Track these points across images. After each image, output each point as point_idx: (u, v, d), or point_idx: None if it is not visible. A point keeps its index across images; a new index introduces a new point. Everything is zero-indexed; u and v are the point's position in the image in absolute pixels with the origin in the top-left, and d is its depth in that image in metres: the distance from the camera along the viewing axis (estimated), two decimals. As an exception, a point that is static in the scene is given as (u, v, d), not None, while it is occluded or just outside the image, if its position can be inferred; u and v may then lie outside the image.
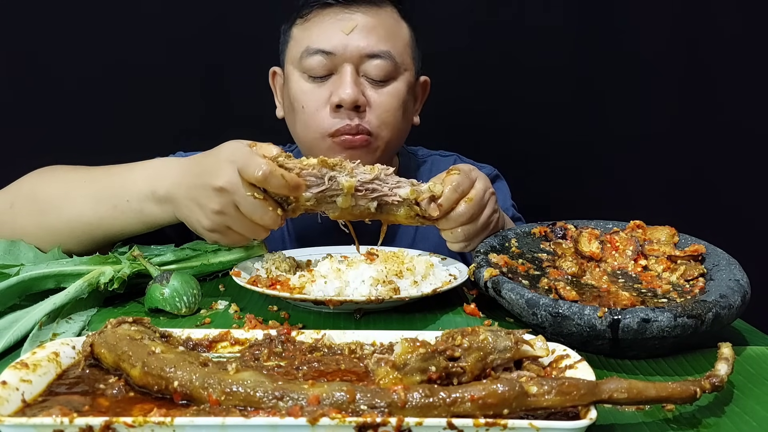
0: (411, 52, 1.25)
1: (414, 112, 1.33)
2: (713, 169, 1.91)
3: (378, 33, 1.19)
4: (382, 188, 0.94)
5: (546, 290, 0.86)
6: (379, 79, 1.19)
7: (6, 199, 1.08)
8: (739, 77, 1.87)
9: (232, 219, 0.92)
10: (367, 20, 1.19)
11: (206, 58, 1.83)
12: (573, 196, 1.92)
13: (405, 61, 1.23)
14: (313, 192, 0.91)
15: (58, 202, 1.05)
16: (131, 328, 0.67)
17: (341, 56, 1.18)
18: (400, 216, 0.97)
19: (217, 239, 0.97)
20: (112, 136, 1.78)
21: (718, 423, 0.63)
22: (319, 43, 1.18)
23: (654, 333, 0.73)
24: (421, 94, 1.35)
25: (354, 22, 1.18)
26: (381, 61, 1.18)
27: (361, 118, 1.18)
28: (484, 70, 1.88)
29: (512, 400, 0.55)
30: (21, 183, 1.11)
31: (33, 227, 1.05)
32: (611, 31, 1.86)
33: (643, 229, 1.00)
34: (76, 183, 1.06)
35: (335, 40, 1.18)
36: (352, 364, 0.66)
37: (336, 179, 0.92)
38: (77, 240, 1.05)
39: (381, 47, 1.19)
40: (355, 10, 1.19)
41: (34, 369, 0.61)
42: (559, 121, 1.90)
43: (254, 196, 0.89)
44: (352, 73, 1.17)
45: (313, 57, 1.18)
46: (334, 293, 0.90)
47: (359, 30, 1.18)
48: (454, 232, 0.98)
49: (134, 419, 0.52)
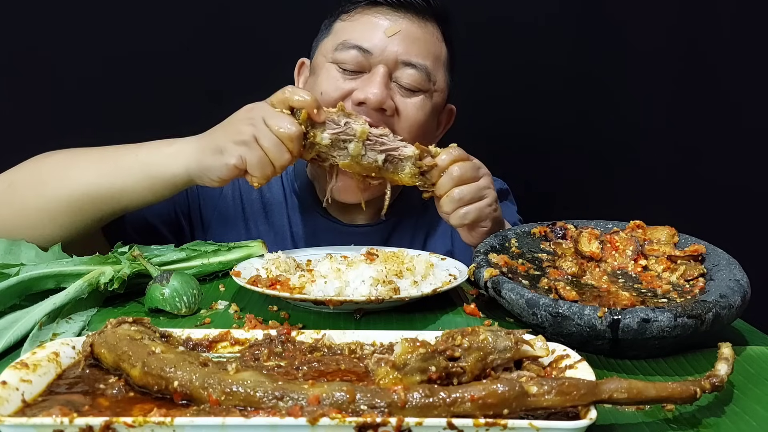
0: (444, 75, 1.24)
1: (434, 138, 1.30)
2: (713, 168, 1.91)
3: (419, 45, 1.18)
4: (390, 143, 1.02)
5: (546, 290, 0.86)
6: (409, 87, 1.17)
7: (4, 180, 1.08)
8: (739, 77, 1.87)
9: (260, 131, 0.97)
10: (412, 29, 1.18)
11: (206, 58, 1.83)
12: (573, 196, 1.92)
13: (438, 81, 1.21)
14: (330, 133, 1.00)
15: (60, 171, 1.05)
16: (131, 328, 0.67)
17: (377, 57, 1.16)
18: (404, 175, 1.03)
19: (243, 153, 0.97)
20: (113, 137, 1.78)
21: (718, 423, 0.63)
22: (358, 39, 1.17)
23: (654, 333, 0.73)
24: (445, 121, 1.34)
25: (399, 26, 1.17)
26: (416, 71, 1.17)
27: (389, 124, 1.15)
28: (483, 70, 1.87)
29: (512, 400, 0.55)
30: (21, 165, 1.10)
31: (32, 201, 1.04)
32: (611, 31, 1.86)
33: (643, 229, 1.00)
34: (81, 153, 1.08)
35: (376, 39, 1.16)
36: (352, 364, 0.66)
37: (351, 125, 1.01)
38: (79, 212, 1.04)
39: (419, 59, 1.17)
40: (402, 15, 1.18)
41: (34, 369, 0.61)
42: (559, 121, 1.90)
43: (282, 111, 0.98)
44: (384, 75, 1.15)
45: (348, 51, 1.17)
46: (334, 293, 0.90)
47: (402, 36, 1.16)
48: (450, 195, 1.00)
49: (134, 419, 0.52)
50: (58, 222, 1.03)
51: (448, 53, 1.25)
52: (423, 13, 1.20)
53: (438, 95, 1.23)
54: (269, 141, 0.96)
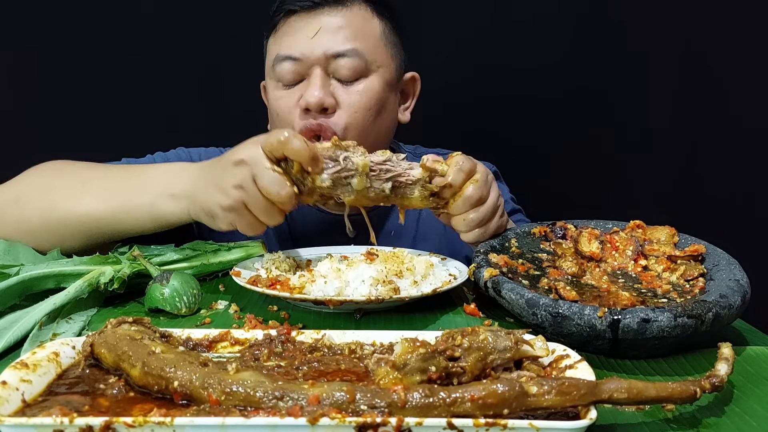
0: (386, 48, 1.24)
1: (402, 109, 1.31)
2: (714, 168, 1.91)
3: (344, 32, 1.18)
4: (395, 168, 0.94)
5: (546, 290, 0.86)
6: (349, 78, 1.18)
7: (10, 193, 1.08)
8: (740, 76, 1.86)
9: (249, 195, 0.91)
10: (332, 21, 1.19)
11: (206, 58, 1.83)
12: (573, 196, 1.91)
13: (378, 57, 1.21)
14: (329, 173, 0.91)
15: (70, 196, 1.05)
16: (131, 328, 0.67)
17: (308, 60, 1.17)
18: (414, 198, 0.96)
19: (233, 220, 0.95)
20: (113, 137, 1.78)
21: (718, 423, 0.63)
22: (286, 49, 1.19)
23: (654, 333, 0.73)
24: (412, 91, 1.34)
25: (317, 24, 1.18)
26: (348, 59, 1.17)
27: (327, 119, 1.17)
28: (483, 69, 1.88)
29: (512, 400, 0.55)
30: (25, 177, 1.10)
31: (38, 221, 1.05)
32: (610, 31, 1.86)
33: (643, 229, 1.00)
34: (91, 178, 1.07)
35: (301, 44, 1.18)
36: (352, 364, 0.66)
37: (350, 159, 0.92)
38: (85, 236, 1.05)
39: (347, 46, 1.18)
40: (319, 14, 1.19)
41: (34, 369, 0.61)
42: (559, 121, 1.90)
43: (273, 170, 0.90)
44: (321, 76, 1.17)
45: (282, 64, 1.19)
46: (334, 293, 0.90)
47: (324, 32, 1.17)
48: (467, 218, 0.96)
49: (134, 419, 0.52)
50: (66, 242, 1.04)
51: (385, 25, 1.25)
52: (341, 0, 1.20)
53: (384, 71, 1.22)
54: (259, 207, 0.92)
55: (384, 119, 1.25)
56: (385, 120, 1.25)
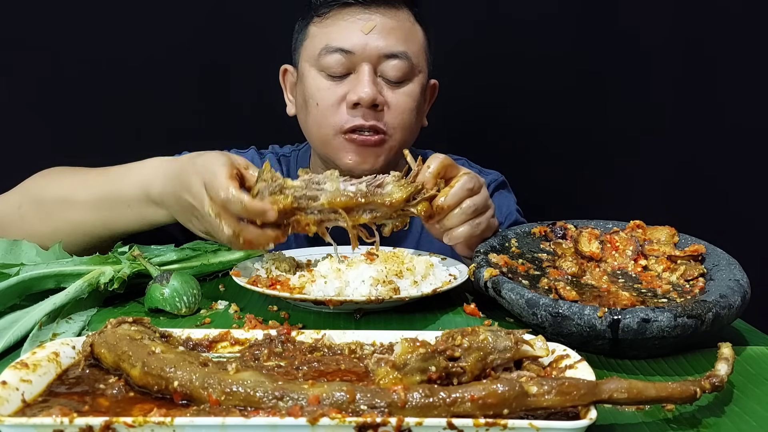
0: (425, 55, 1.28)
1: (423, 113, 1.34)
2: (713, 168, 1.90)
3: (396, 34, 1.21)
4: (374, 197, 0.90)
5: (546, 290, 0.86)
6: (396, 79, 1.21)
7: (14, 200, 1.12)
8: (740, 76, 1.86)
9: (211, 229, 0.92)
10: (386, 21, 1.21)
11: (206, 57, 1.83)
12: (573, 196, 1.92)
13: (420, 63, 1.25)
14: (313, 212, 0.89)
15: (61, 207, 1.08)
16: (131, 328, 0.67)
17: (360, 55, 1.19)
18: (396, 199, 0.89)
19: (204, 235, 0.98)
20: (113, 136, 1.78)
21: (718, 423, 0.63)
22: (338, 41, 1.20)
23: (654, 333, 0.73)
24: (430, 96, 1.37)
25: (374, 22, 1.20)
26: (399, 61, 1.20)
27: (377, 119, 1.20)
28: (482, 69, 1.87)
29: (512, 400, 0.55)
30: (27, 185, 1.13)
31: (40, 228, 1.08)
32: (611, 31, 1.86)
33: (643, 229, 1.00)
34: (76, 188, 1.09)
35: (355, 39, 1.19)
36: (352, 364, 0.66)
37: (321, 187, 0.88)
38: (84, 239, 1.08)
39: (399, 48, 1.20)
40: (374, 11, 1.21)
41: (34, 369, 0.61)
42: (559, 122, 1.90)
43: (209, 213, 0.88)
44: (371, 73, 1.19)
45: (332, 55, 1.20)
46: (334, 293, 0.90)
47: (378, 30, 1.19)
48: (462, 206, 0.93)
49: (134, 419, 0.52)
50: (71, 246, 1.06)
51: (424, 33, 1.28)
52: (393, 3, 1.22)
53: (423, 76, 1.27)
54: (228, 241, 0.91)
55: (419, 123, 1.29)
56: (418, 124, 1.29)
